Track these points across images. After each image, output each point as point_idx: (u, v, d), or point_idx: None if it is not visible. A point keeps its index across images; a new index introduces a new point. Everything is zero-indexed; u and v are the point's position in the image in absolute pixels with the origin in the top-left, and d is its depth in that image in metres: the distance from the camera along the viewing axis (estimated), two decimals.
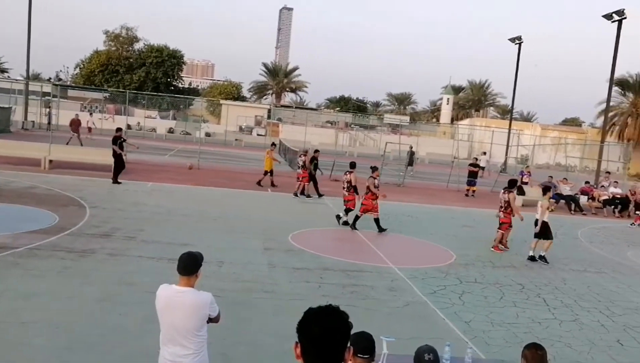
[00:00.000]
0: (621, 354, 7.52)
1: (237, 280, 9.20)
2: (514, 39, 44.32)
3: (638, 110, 55.24)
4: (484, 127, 55.67)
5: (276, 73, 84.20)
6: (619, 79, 51.95)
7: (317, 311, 2.27)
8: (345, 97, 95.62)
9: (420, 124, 77.28)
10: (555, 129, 67.44)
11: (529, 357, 3.94)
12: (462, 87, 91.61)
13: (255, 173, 24.53)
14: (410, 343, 4.79)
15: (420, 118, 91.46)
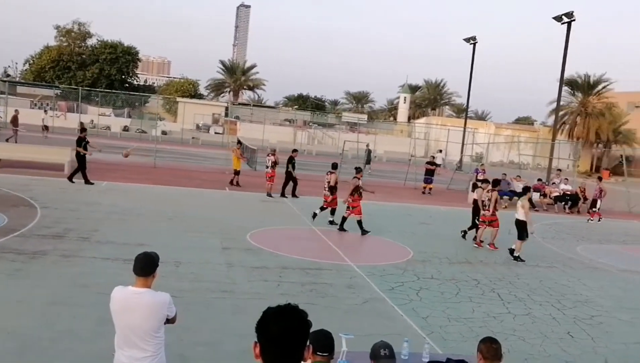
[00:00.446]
0: (572, 346, 7.77)
1: (195, 279, 9.09)
2: (468, 39, 45.15)
3: (586, 109, 57.11)
4: (440, 126, 56.54)
5: (234, 71, 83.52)
6: (568, 79, 53.61)
7: (275, 310, 2.25)
8: (303, 95, 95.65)
9: (378, 122, 77.98)
10: (508, 127, 69.11)
11: (484, 350, 4.02)
12: (418, 86, 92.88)
13: (213, 172, 24.32)
14: (369, 339, 4.82)
15: (378, 117, 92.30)
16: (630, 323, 9.09)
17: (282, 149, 44.25)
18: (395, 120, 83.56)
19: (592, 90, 58.81)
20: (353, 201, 14.52)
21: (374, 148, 40.06)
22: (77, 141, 18.41)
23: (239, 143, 22.66)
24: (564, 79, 33.86)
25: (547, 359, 7.17)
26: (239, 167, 21.46)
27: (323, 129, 64.15)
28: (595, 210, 21.98)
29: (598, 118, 55.98)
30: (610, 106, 57.75)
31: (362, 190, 14.68)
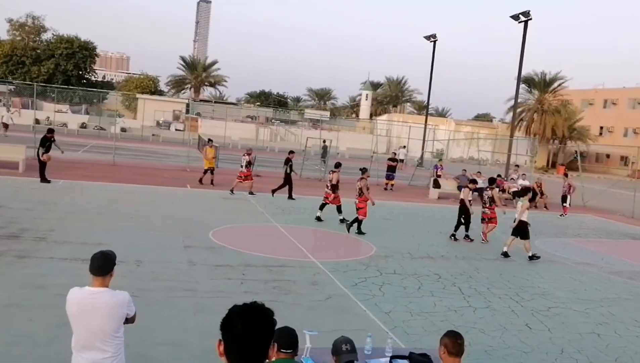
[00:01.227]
0: (530, 337, 7.96)
1: (156, 279, 8.96)
2: (429, 36, 45.71)
3: (543, 106, 58.57)
4: (402, 123, 57.13)
5: (194, 67, 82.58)
6: (526, 77, 54.90)
7: (241, 309, 2.24)
8: (265, 92, 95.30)
9: (340, 119, 78.28)
10: (468, 124, 70.35)
11: (449, 345, 4.07)
12: (380, 83, 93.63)
13: (174, 169, 24.01)
14: (332, 335, 4.83)
15: (340, 113, 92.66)
16: (584, 314, 9.37)
17: (245, 146, 44.05)
18: (357, 117, 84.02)
19: (548, 88, 60.40)
20: (360, 202, 14.53)
21: (336, 145, 40.21)
22: (41, 141, 17.96)
23: (210, 141, 22.14)
24: (521, 77, 34.61)
25: (507, 350, 7.33)
26: (211, 165, 21.01)
27: (285, 126, 64.03)
28: (566, 205, 22.60)
29: (554, 115, 57.50)
30: (565, 103, 59.43)
31: (362, 192, 14.52)
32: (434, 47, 45.47)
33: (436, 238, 14.88)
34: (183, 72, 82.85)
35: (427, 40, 45.81)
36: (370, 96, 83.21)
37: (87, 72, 70.27)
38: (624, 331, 8.64)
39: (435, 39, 45.17)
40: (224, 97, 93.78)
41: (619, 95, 65.36)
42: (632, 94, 63.60)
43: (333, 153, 32.66)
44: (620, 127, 64.19)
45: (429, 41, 45.66)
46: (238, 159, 29.89)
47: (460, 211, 15.04)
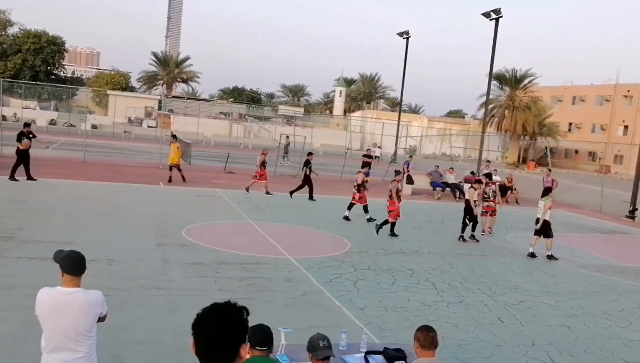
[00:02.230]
0: (502, 330, 8.09)
1: (129, 277, 8.85)
2: (402, 33, 45.93)
3: (514, 103, 59.42)
4: (375, 119, 57.39)
5: (167, 63, 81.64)
6: (497, 74, 55.64)
7: (210, 309, 2.24)
8: (238, 88, 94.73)
9: (314, 115, 78.27)
10: (440, 120, 71.01)
11: (421, 339, 4.11)
12: (353, 80, 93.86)
13: (147, 166, 23.74)
14: (307, 332, 4.84)
15: (314, 110, 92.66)
16: (555, 306, 9.55)
17: (218, 143, 43.82)
18: (331, 113, 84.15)
19: (519, 84, 61.29)
20: (391, 204, 14.50)
21: (310, 141, 40.17)
22: (17, 136, 17.65)
23: (174, 137, 22.00)
24: (492, 74, 35.03)
25: (480, 344, 7.43)
26: (177, 161, 20.70)
27: (259, 122, 63.79)
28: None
29: (524, 111, 58.41)
30: (535, 100, 60.42)
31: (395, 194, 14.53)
32: (407, 44, 45.73)
33: (410, 234, 14.99)
34: (155, 68, 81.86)
35: (400, 37, 46.04)
36: (344, 93, 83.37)
37: (55, 67, 68.87)
38: (592, 323, 8.84)
39: (408, 35, 45.41)
40: (196, 94, 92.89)
41: (587, 92, 66.67)
42: (599, 91, 64.94)
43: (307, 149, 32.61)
44: (588, 124, 65.51)
45: (402, 38, 45.89)
46: (211, 156, 29.73)
47: (465, 212, 14.77)
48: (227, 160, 26.27)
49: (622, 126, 61.58)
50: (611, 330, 8.60)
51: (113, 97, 59.12)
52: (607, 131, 62.01)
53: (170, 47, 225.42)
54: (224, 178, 23.37)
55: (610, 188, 24.82)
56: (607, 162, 53.47)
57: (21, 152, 17.49)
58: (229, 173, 25.37)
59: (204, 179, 22.35)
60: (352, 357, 4.97)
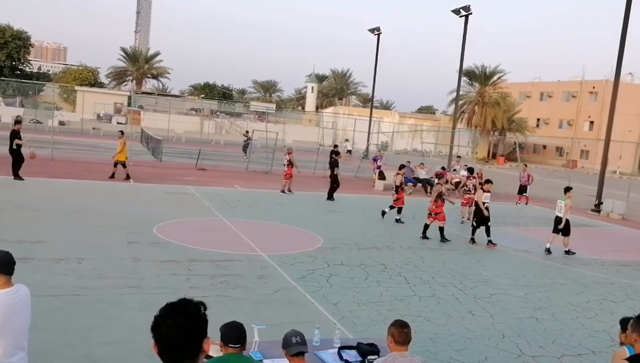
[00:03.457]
0: (473, 323, 8.21)
1: (100, 276, 8.73)
2: (373, 29, 46.11)
3: (483, 99, 60.20)
4: (347, 116, 57.56)
5: (136, 59, 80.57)
6: (467, 70, 56.25)
7: (166, 308, 2.24)
8: (210, 84, 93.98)
9: (287, 111, 78.15)
10: (412, 116, 71.59)
11: (395, 335, 4.15)
12: (325, 76, 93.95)
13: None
14: (281, 328, 4.84)
15: (287, 106, 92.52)
16: (524, 299, 9.73)
17: (189, 139, 43.43)
18: (303, 109, 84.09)
19: (488, 81, 62.07)
20: (436, 207, 14.38)
21: (282, 138, 40.09)
22: (10, 135, 17.42)
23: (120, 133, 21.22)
24: (462, 70, 35.43)
25: (451, 337, 7.53)
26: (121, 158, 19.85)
27: (231, 118, 63.41)
28: (526, 195, 23.43)
29: (494, 107, 59.23)
30: (504, 96, 61.29)
31: (439, 198, 14.46)
32: (378, 40, 45.94)
33: (382, 229, 15.09)
34: (124, 64, 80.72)
35: (372, 34, 46.22)
36: (316, 89, 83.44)
37: (20, 63, 67.46)
38: (560, 314, 9.03)
39: (379, 32, 45.61)
40: (167, 90, 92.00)
41: (554, 88, 67.92)
42: (566, 87, 66.21)
43: (279, 145, 32.53)
44: (555, 119, 66.76)
45: (373, 34, 46.08)
46: (182, 153, 29.52)
47: (475, 214, 14.58)
48: (198, 157, 26.06)
49: (588, 122, 62.92)
50: (578, 321, 8.81)
51: (81, 93, 58.12)
52: (574, 127, 63.28)
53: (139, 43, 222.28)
54: (196, 175, 23.19)
55: (577, 182, 25.35)
56: (573, 157, 54.62)
57: (16, 151, 17.28)
58: (201, 169, 25.18)
59: (175, 176, 22.13)
60: (326, 352, 4.99)
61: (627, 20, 21.70)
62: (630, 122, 56.72)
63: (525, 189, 23.82)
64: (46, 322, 6.65)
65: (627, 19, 21.69)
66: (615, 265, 13.39)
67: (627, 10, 21.59)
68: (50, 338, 6.29)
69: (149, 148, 33.00)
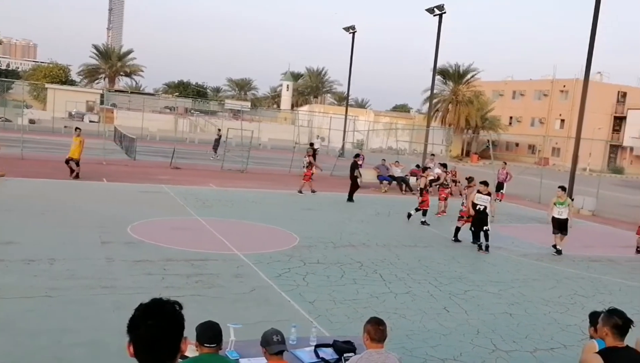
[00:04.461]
0: (448, 320, 8.30)
1: (72, 277, 8.59)
2: (348, 28, 46.18)
3: (457, 97, 60.78)
4: (323, 114, 57.61)
5: (109, 56, 79.42)
6: (441, 68, 56.65)
7: (145, 308, 2.21)
8: (184, 82, 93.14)
9: (262, 110, 77.91)
10: (387, 115, 71.96)
11: (371, 332, 4.18)
12: (300, 74, 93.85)
13: (89, 162, 23.04)
14: (257, 327, 4.84)
15: (261, 104, 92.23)
16: (497, 295, 9.87)
17: (163, 138, 42.98)
18: (278, 107, 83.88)
19: (462, 79, 62.66)
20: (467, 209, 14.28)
21: (258, 136, 39.99)
22: None
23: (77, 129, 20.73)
24: (436, 69, 35.72)
25: (427, 334, 7.60)
26: (77, 156, 19.26)
27: (205, 116, 62.92)
28: (502, 192, 23.76)
29: (467, 106, 59.83)
30: (478, 95, 61.92)
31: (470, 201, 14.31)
32: (353, 38, 46.03)
33: (358, 227, 15.15)
34: (96, 62, 79.50)
35: (347, 32, 46.29)
36: (291, 87, 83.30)
37: None
38: (533, 310, 9.18)
39: (354, 30, 45.70)
40: (140, 88, 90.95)
41: (526, 87, 68.87)
42: (537, 86, 67.18)
43: (254, 143, 32.44)
44: (527, 117, 67.71)
45: (348, 33, 46.16)
46: (156, 151, 29.23)
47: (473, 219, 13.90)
48: (172, 155, 25.81)
49: (559, 120, 63.97)
50: (550, 316, 8.96)
51: (52, 90, 57.16)
52: (545, 125, 64.28)
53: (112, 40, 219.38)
54: (170, 174, 22.97)
55: (549, 179, 25.73)
56: (545, 154, 55.45)
57: None
58: (175, 168, 24.95)
59: (149, 175, 21.91)
60: (302, 350, 5.00)
61: (596, 21, 22.11)
62: (599, 121, 57.88)
63: (503, 186, 24.17)
64: (17, 324, 6.53)
65: (596, 20, 22.11)
66: (586, 260, 13.66)
67: (595, 11, 22.00)
68: (21, 341, 6.18)
69: (123, 147, 32.59)
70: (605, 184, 28.76)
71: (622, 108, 63.55)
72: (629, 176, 56.32)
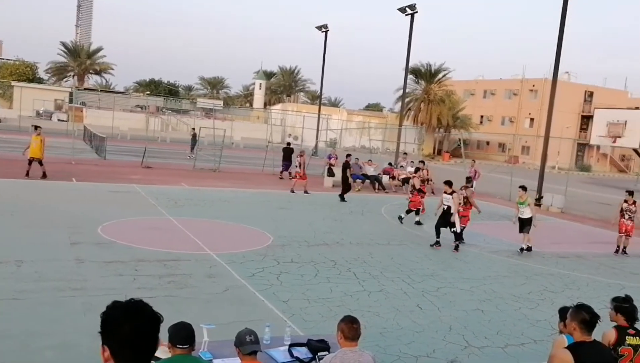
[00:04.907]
0: (421, 317, 8.37)
1: (41, 279, 8.43)
2: (320, 27, 46.19)
3: (429, 96, 61.29)
4: (296, 113, 57.53)
5: (77, 54, 78.00)
6: (413, 68, 57.05)
7: (124, 310, 2.11)
8: (155, 80, 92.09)
9: (234, 108, 77.47)
10: (359, 114, 72.24)
11: (345, 330, 4.19)
12: (273, 72, 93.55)
13: (57, 162, 22.67)
14: (230, 327, 4.81)
15: (234, 103, 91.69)
16: (469, 292, 9.99)
17: (134, 137, 42.44)
18: (251, 106, 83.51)
19: (434, 78, 63.17)
20: (464, 210, 14.31)
21: (230, 135, 39.75)
22: None
23: (36, 128, 20.27)
24: (409, 68, 35.96)
25: (400, 331, 7.66)
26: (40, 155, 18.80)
27: (177, 115, 62.31)
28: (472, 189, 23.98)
29: (439, 105, 60.36)
30: (449, 94, 62.52)
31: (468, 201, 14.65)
32: (326, 37, 46.04)
33: (331, 225, 15.17)
34: (65, 59, 78.02)
35: (319, 31, 46.29)
36: (264, 85, 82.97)
37: None
38: (504, 306, 9.32)
39: (327, 29, 45.72)
40: (110, 86, 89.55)
41: (497, 86, 69.81)
42: (508, 85, 68.17)
43: (227, 142, 32.23)
44: (498, 116, 68.65)
45: (321, 31, 46.16)
46: (127, 151, 28.90)
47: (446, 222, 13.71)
48: (144, 155, 25.49)
49: (529, 119, 65.01)
50: (521, 311, 9.11)
51: (18, 88, 55.86)
52: (515, 124, 65.25)
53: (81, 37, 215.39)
54: (141, 173, 22.69)
55: (519, 177, 26.15)
56: (515, 153, 56.28)
57: None
58: (146, 167, 24.65)
59: (119, 174, 21.60)
60: (276, 350, 4.99)
61: (564, 22, 22.53)
62: (568, 120, 58.98)
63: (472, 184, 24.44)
64: None
65: (564, 21, 22.53)
66: (555, 256, 13.92)
67: (563, 12, 22.42)
68: None
69: (92, 146, 32.08)
70: (573, 182, 29.34)
71: (589, 107, 64.87)
72: (596, 174, 57.60)
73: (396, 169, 26.69)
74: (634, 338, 4.57)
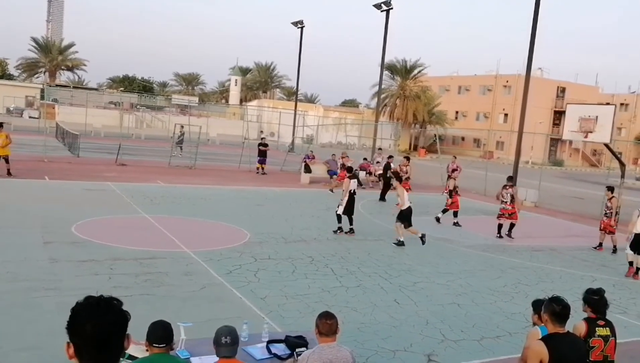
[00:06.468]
0: (398, 312, 8.44)
1: (13, 279, 8.28)
2: (296, 22, 46.08)
3: (405, 92, 61.65)
4: (272, 109, 57.35)
5: (49, 49, 76.67)
6: (388, 64, 57.37)
7: (87, 306, 2.09)
8: (129, 76, 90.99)
9: (210, 105, 76.91)
10: (336, 110, 72.31)
11: (320, 326, 4.21)
12: (249, 68, 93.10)
13: (29, 160, 22.28)
14: (208, 325, 4.79)
15: (210, 99, 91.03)
16: (445, 286, 10.10)
17: (108, 134, 41.89)
18: (227, 102, 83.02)
19: (409, 74, 63.57)
20: (512, 208, 15.51)
21: (206, 131, 39.47)
22: None
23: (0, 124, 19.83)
24: (384, 64, 36.11)
25: (378, 326, 7.71)
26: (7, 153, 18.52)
27: (152, 112, 61.66)
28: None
29: (415, 101, 60.78)
30: (424, 90, 63.00)
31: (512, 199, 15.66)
32: (302, 33, 45.95)
33: (309, 222, 15.18)
34: (36, 55, 76.64)
35: (295, 27, 46.19)
36: (239, 82, 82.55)
37: None
38: (480, 299, 9.44)
39: (303, 25, 45.63)
40: (83, 82, 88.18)
41: (471, 82, 70.54)
42: (482, 81, 68.93)
43: (203, 139, 32.01)
44: (473, 112, 69.41)
45: (297, 27, 46.06)
46: (101, 148, 28.53)
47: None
48: (118, 152, 25.18)
49: (503, 114, 65.83)
50: (496, 305, 9.24)
51: None
52: (490, 119, 66.03)
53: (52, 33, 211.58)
54: (116, 171, 22.42)
55: (494, 172, 26.48)
56: (490, 148, 56.95)
57: None
58: (121, 165, 24.36)
59: (93, 172, 21.31)
60: (254, 347, 4.99)
61: (537, 18, 22.84)
62: (541, 115, 59.86)
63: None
64: None
65: (537, 18, 22.83)
66: (529, 250, 14.14)
67: (536, 9, 22.72)
68: None
69: (65, 144, 31.58)
70: (547, 177, 29.81)
71: (562, 103, 65.91)
72: (569, 169, 58.62)
73: (372, 165, 26.78)
74: (603, 329, 4.68)
